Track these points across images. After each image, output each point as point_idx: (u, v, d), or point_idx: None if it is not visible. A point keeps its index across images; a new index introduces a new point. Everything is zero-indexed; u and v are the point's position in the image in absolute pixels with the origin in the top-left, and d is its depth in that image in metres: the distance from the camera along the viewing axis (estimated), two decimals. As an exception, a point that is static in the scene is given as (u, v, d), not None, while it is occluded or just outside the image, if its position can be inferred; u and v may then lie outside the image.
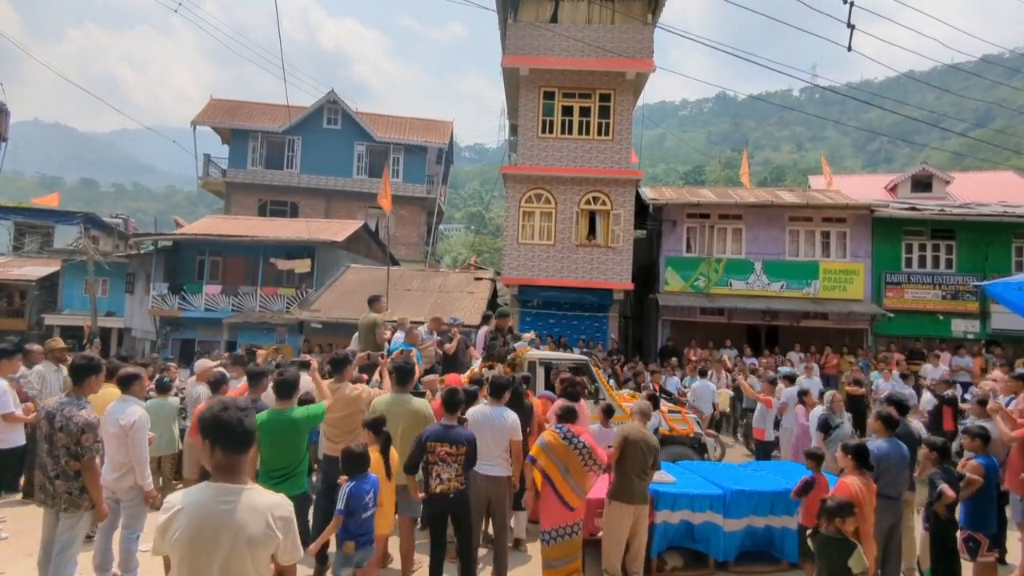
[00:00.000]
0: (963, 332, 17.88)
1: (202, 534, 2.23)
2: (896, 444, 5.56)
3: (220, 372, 7.05)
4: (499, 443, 5.44)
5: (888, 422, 5.84)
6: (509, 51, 18.23)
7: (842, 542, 4.06)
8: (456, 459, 5.09)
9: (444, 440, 5.09)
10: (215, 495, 2.29)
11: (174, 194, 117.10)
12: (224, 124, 29.94)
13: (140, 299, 22.58)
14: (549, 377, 8.88)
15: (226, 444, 2.33)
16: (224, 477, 2.32)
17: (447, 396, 5.38)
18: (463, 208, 77.20)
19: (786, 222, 18.53)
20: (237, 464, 2.34)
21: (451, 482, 5.08)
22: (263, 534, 2.26)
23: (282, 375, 5.06)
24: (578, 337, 17.47)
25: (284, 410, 4.92)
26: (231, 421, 2.32)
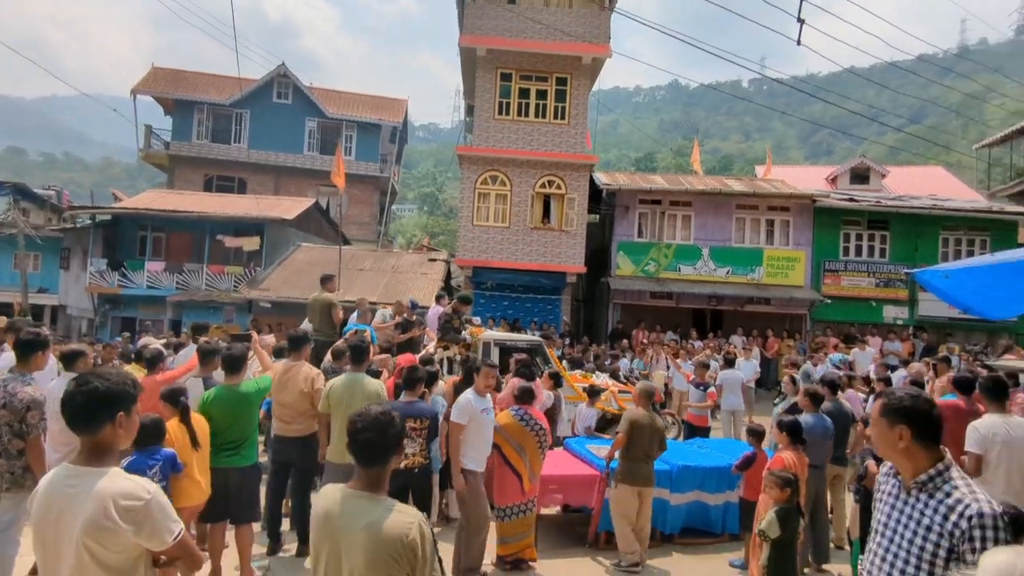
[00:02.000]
0: (893, 318, 18.87)
1: (46, 517, 2.09)
2: (821, 419, 5.99)
3: (156, 349, 6.87)
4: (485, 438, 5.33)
5: (814, 399, 6.25)
6: (467, 30, 18.08)
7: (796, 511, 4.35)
8: (420, 433, 5.21)
9: (408, 414, 5.16)
10: (65, 477, 2.12)
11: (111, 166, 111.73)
12: (167, 94, 28.68)
13: (76, 275, 21.62)
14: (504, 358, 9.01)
15: (68, 422, 2.15)
16: (81, 458, 2.14)
17: (408, 373, 5.47)
18: (416, 188, 76.38)
19: (733, 210, 19.09)
20: (91, 444, 2.13)
21: (415, 457, 5.18)
22: (99, 523, 2.02)
23: (230, 351, 5.09)
24: (531, 319, 17.66)
25: (234, 385, 4.95)
26: (66, 397, 2.13)
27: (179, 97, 28.54)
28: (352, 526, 2.15)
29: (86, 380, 2.16)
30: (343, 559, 2.15)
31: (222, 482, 4.82)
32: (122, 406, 2.17)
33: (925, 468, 2.17)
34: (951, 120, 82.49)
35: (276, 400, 5.59)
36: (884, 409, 2.28)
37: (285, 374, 5.61)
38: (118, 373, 2.27)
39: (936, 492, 2.12)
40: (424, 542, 2.16)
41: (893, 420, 2.24)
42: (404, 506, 2.27)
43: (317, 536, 2.26)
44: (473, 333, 9.52)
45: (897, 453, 2.24)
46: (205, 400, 4.91)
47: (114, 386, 2.16)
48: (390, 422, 2.28)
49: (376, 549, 2.10)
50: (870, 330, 17.31)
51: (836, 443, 6.39)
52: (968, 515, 2.00)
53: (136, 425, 2.29)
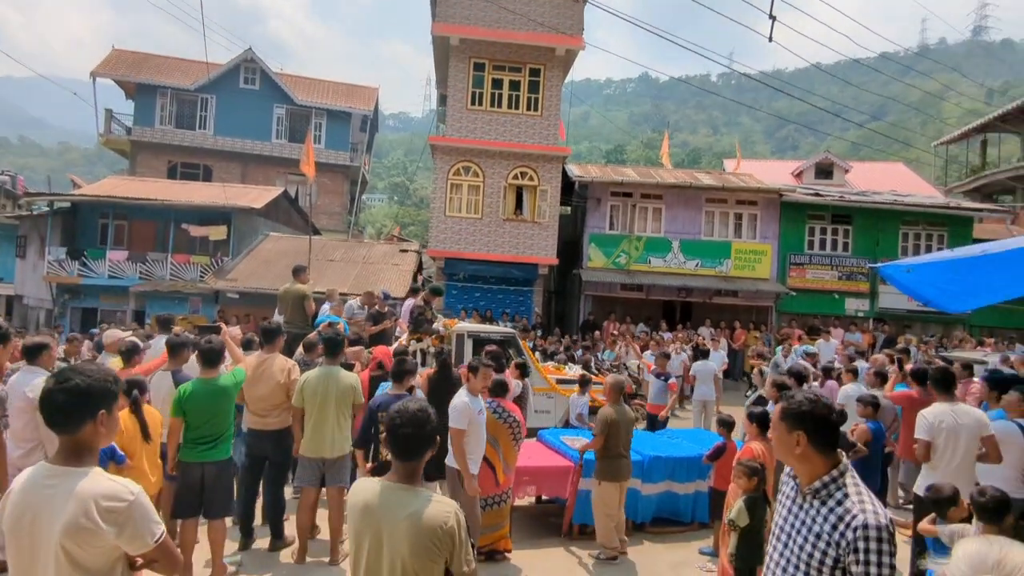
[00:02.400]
0: (855, 310, 19.39)
1: (22, 518, 2.01)
2: None
3: (132, 341, 6.72)
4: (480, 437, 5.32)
5: (782, 389, 6.42)
6: (440, 18, 17.92)
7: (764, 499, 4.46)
8: None
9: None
10: (42, 476, 2.04)
11: (68, 151, 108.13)
12: (129, 78, 27.81)
13: (33, 264, 20.92)
14: (477, 350, 9.03)
15: (47, 421, 2.06)
16: (60, 457, 2.06)
17: (396, 366, 5.52)
18: (387, 178, 75.57)
19: (703, 203, 19.35)
20: (71, 444, 2.06)
21: None
22: (79, 525, 1.95)
23: (210, 343, 4.98)
24: (503, 311, 17.70)
25: (212, 379, 4.87)
26: (44, 396, 2.05)
27: (141, 81, 27.71)
28: (394, 516, 2.27)
29: (67, 377, 2.07)
30: (384, 547, 2.27)
31: (197, 476, 4.77)
32: (104, 404, 2.10)
33: (821, 474, 2.14)
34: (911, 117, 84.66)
35: (250, 394, 5.51)
36: (783, 414, 2.24)
37: (259, 367, 5.54)
38: (99, 369, 2.19)
39: (828, 500, 2.10)
40: (460, 529, 2.31)
41: (792, 425, 2.20)
42: (440, 496, 2.41)
43: (358, 526, 2.35)
44: (447, 325, 9.52)
45: (795, 458, 2.21)
46: (182, 394, 4.79)
47: (96, 383, 2.08)
48: (427, 418, 2.42)
49: (418, 537, 2.24)
50: (832, 322, 17.78)
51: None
52: (854, 526, 1.98)
53: (117, 423, 2.24)
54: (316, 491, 5.51)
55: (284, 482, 5.85)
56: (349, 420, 5.50)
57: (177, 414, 4.74)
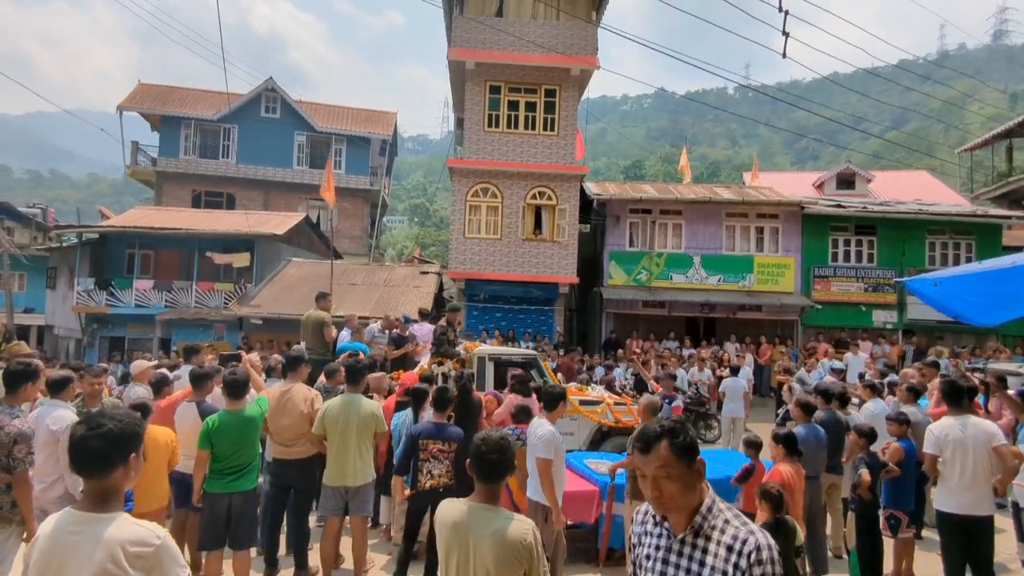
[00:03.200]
0: (883, 322, 19.01)
1: (48, 566, 2.02)
2: (813, 428, 6.06)
3: (161, 373, 6.82)
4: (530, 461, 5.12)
5: (806, 408, 6.30)
6: (455, 44, 18.16)
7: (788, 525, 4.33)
8: (447, 455, 5.22)
9: (436, 437, 5.21)
10: (69, 523, 2.05)
11: (97, 182, 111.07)
12: (154, 110, 28.56)
13: (63, 295, 21.40)
14: (499, 372, 9.00)
15: (78, 466, 2.08)
16: (87, 503, 2.08)
17: (438, 395, 5.49)
18: (406, 200, 76.35)
19: (723, 218, 19.21)
20: (100, 489, 2.07)
21: (441, 478, 5.20)
22: (107, 572, 1.96)
23: (234, 375, 5.03)
24: (524, 330, 17.66)
25: (238, 410, 4.91)
26: (77, 441, 2.06)
27: (166, 113, 28.43)
28: (480, 533, 2.58)
29: (99, 423, 2.08)
30: (471, 560, 2.58)
31: (224, 507, 4.78)
32: (134, 447, 2.13)
33: (698, 506, 1.95)
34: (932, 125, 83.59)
35: (274, 424, 5.52)
36: (679, 448, 1.95)
37: (282, 397, 5.55)
38: (127, 413, 2.23)
39: (713, 532, 1.92)
40: (536, 544, 2.62)
41: (692, 456, 1.97)
42: (519, 515, 2.72)
43: (447, 542, 2.66)
44: (467, 348, 9.50)
45: (692, 492, 1.96)
46: (210, 427, 4.82)
47: (127, 427, 2.11)
48: (509, 446, 2.78)
49: (502, 551, 2.54)
50: (860, 335, 17.45)
51: (831, 452, 6.43)
52: (747, 552, 1.87)
53: (142, 465, 2.25)
54: (340, 520, 5.49)
55: (308, 511, 5.83)
56: (371, 449, 5.47)
57: (204, 446, 4.77)
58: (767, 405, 14.84)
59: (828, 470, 6.43)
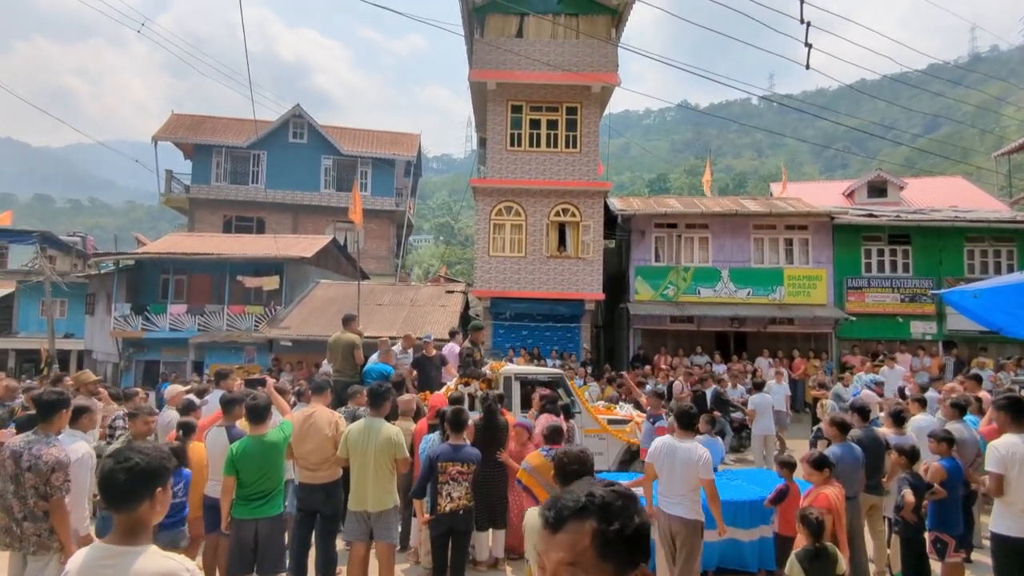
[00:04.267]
0: (921, 334, 18.47)
1: None
2: (849, 447, 5.83)
3: (188, 399, 6.92)
4: (682, 480, 5.04)
5: (842, 427, 6.08)
6: (476, 66, 18.34)
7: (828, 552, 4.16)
8: (466, 477, 5.25)
9: (455, 459, 5.25)
10: (99, 557, 2.06)
11: (134, 209, 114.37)
12: (187, 139, 29.39)
13: (101, 320, 21.95)
14: (525, 392, 8.93)
15: (107, 500, 2.11)
16: (116, 536, 2.09)
17: (453, 417, 5.49)
18: (431, 219, 76.95)
19: (751, 230, 18.94)
20: (128, 522, 2.08)
21: (460, 500, 5.23)
22: None
23: (255, 401, 5.05)
24: (551, 348, 17.56)
25: (261, 435, 4.93)
26: (105, 475, 2.09)
27: (198, 142, 29.22)
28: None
29: (126, 457, 2.11)
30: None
31: (251, 533, 4.80)
32: (161, 481, 2.16)
33: None
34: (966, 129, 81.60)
35: (299, 448, 5.52)
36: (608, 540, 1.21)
37: (306, 421, 5.56)
38: (154, 447, 2.26)
39: None
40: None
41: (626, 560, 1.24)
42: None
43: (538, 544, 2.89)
44: (493, 368, 9.46)
45: None
46: (234, 454, 4.85)
47: (154, 461, 2.14)
48: (588, 457, 3.27)
49: None
50: (898, 347, 16.94)
51: (869, 472, 6.21)
52: None
53: (169, 499, 2.28)
54: (365, 545, 5.44)
55: (335, 536, 5.81)
56: (392, 474, 5.39)
57: (230, 472, 4.80)
58: (802, 421, 14.47)
59: (867, 490, 6.22)
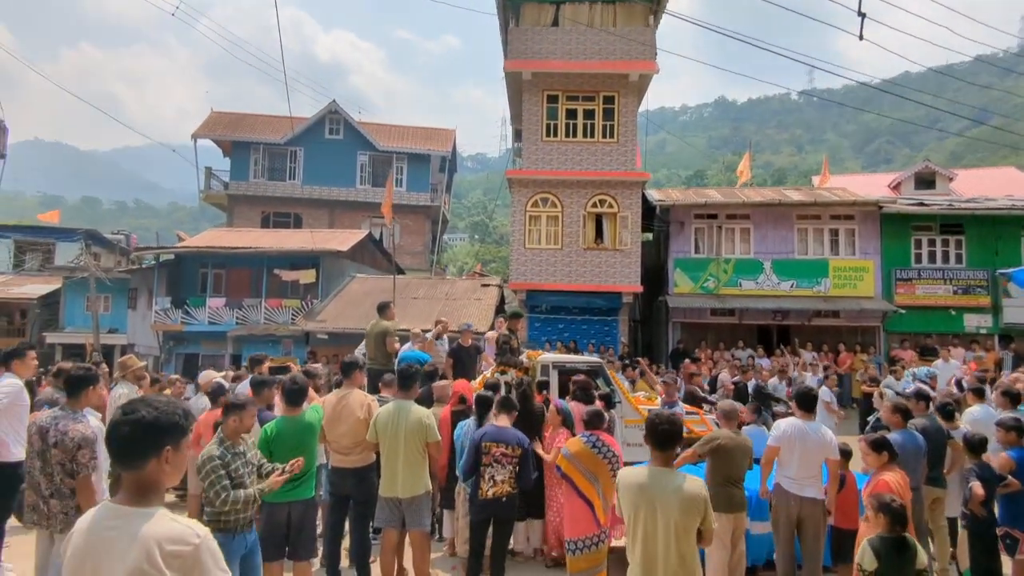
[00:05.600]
0: (976, 327, 17.65)
1: (84, 564, 1.86)
2: (911, 435, 5.57)
3: (218, 382, 6.87)
4: (813, 462, 5.11)
5: (904, 414, 5.73)
6: (511, 55, 18.14)
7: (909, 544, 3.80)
8: (511, 460, 5.05)
9: (500, 440, 5.08)
10: (104, 518, 1.89)
11: (177, 210, 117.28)
12: (225, 137, 29.90)
13: (143, 314, 22.42)
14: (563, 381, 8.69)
15: (113, 456, 1.97)
16: (124, 497, 1.91)
17: (504, 401, 5.43)
18: (467, 218, 77.07)
19: (794, 220, 18.33)
20: (136, 481, 1.91)
21: (504, 484, 5.03)
22: (142, 571, 1.78)
23: (294, 382, 4.96)
24: (588, 341, 17.27)
25: (296, 416, 4.83)
26: (111, 428, 1.93)
27: (236, 139, 29.69)
28: (664, 490, 3.29)
29: (133, 408, 1.94)
30: (658, 512, 3.26)
31: (283, 517, 4.66)
32: (170, 439, 1.96)
33: None
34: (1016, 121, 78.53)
35: (331, 432, 5.39)
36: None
37: (339, 403, 5.42)
38: (168, 401, 2.05)
39: None
40: (707, 498, 3.34)
41: None
42: (690, 475, 3.42)
43: (635, 500, 3.34)
44: (530, 356, 9.25)
45: None
46: (268, 435, 4.74)
47: (163, 415, 1.95)
48: (678, 419, 3.51)
49: (685, 502, 3.24)
50: (950, 340, 16.19)
51: (931, 463, 5.84)
52: None
53: (185, 461, 2.08)
54: (397, 533, 5.28)
55: (369, 522, 5.66)
56: (423, 459, 5.21)
57: (264, 454, 4.66)
58: (851, 417, 13.89)
59: (929, 482, 5.84)
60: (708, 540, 3.41)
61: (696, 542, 3.34)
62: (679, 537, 3.22)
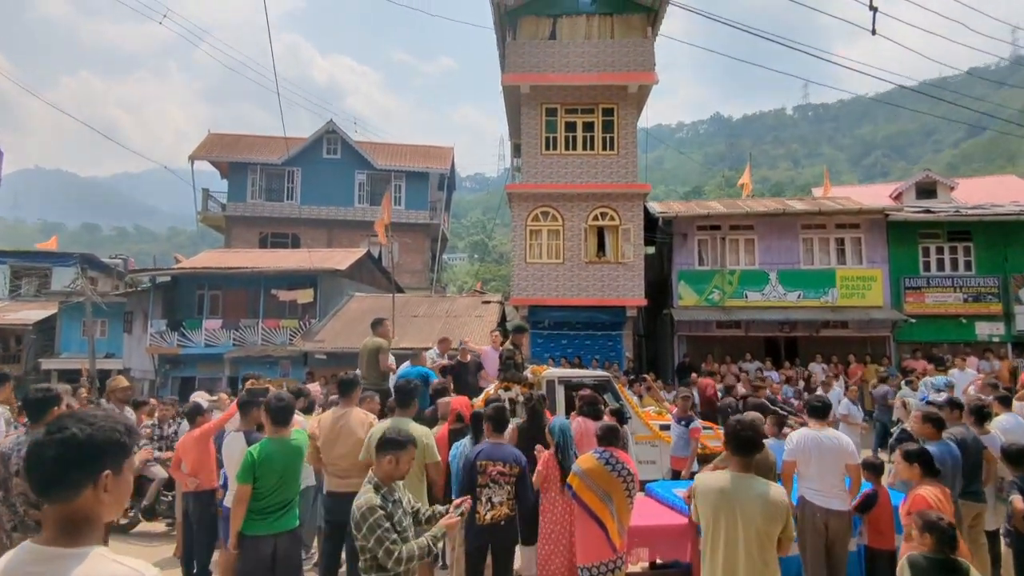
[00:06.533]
0: (988, 335, 17.28)
1: None
2: (947, 445, 5.24)
3: (195, 403, 6.50)
4: (833, 471, 4.93)
5: (937, 423, 5.37)
6: (509, 69, 18.00)
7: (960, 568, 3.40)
8: (508, 480, 4.65)
9: (496, 458, 4.66)
10: (23, 563, 1.48)
11: (176, 235, 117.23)
12: (222, 158, 29.72)
13: (139, 338, 22.04)
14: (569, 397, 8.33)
15: (32, 485, 1.54)
16: (50, 535, 1.51)
17: (495, 415, 4.94)
18: (466, 237, 76.91)
19: (799, 231, 18.05)
20: (64, 515, 1.50)
21: (502, 507, 4.62)
22: None
23: (280, 399, 4.52)
24: (592, 357, 16.88)
25: (284, 438, 4.41)
26: (31, 450, 1.55)
27: (233, 160, 29.51)
28: (746, 496, 3.25)
29: (62, 426, 1.54)
30: (739, 518, 3.22)
31: (269, 551, 4.19)
32: (111, 461, 1.54)
33: None
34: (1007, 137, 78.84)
35: (328, 453, 5.04)
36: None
37: (337, 422, 5.06)
38: (106, 415, 1.62)
39: None
40: (789, 506, 3.32)
41: None
42: (770, 481, 3.46)
43: (715, 505, 3.32)
44: (535, 371, 8.88)
45: None
46: (254, 458, 4.24)
47: (99, 432, 1.53)
48: (759, 426, 3.64)
49: (768, 508, 3.21)
50: (962, 349, 15.79)
51: (970, 475, 5.46)
52: None
53: (129, 487, 1.64)
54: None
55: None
56: (421, 480, 4.79)
57: (247, 480, 4.21)
58: (868, 431, 13.44)
59: (966, 496, 5.45)
60: (787, 548, 3.34)
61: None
62: (762, 544, 3.19)
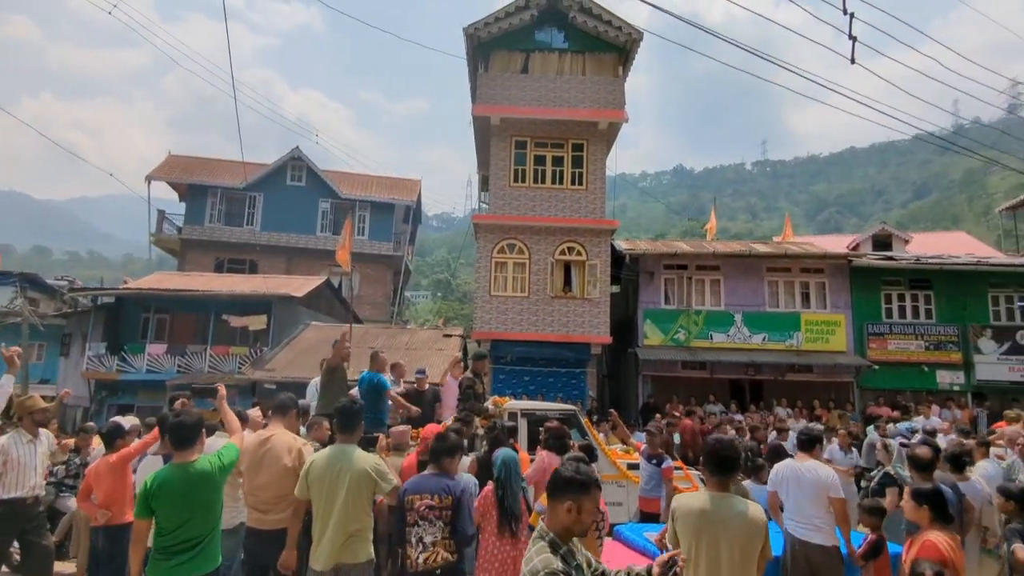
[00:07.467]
0: (949, 384, 17.36)
1: None
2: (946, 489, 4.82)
3: (114, 423, 5.76)
4: (813, 502, 4.80)
5: (925, 466, 5.00)
6: (480, 100, 17.85)
7: None
8: (440, 515, 3.97)
9: (423, 491, 4.01)
10: None
11: (132, 262, 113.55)
12: (181, 179, 28.73)
13: (75, 362, 20.67)
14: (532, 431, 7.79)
15: None
16: None
17: (436, 442, 4.34)
18: (430, 275, 76.30)
19: (764, 273, 18.05)
20: None
21: (436, 548, 3.91)
22: None
23: (179, 418, 3.82)
24: (555, 395, 16.34)
25: (187, 463, 3.71)
26: None
27: (193, 182, 28.56)
28: (726, 515, 3.22)
29: None
30: (721, 538, 3.18)
31: None
32: None
33: None
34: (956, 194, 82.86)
35: (250, 483, 4.38)
36: None
37: (260, 447, 4.40)
38: None
39: None
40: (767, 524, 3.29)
41: None
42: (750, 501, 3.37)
43: (696, 527, 3.23)
44: (496, 403, 8.33)
45: None
46: (149, 488, 3.58)
47: None
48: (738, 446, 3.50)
49: (749, 528, 3.20)
50: (924, 397, 15.79)
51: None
52: None
53: None
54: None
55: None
56: (368, 517, 4.09)
57: (144, 515, 3.56)
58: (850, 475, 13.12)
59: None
60: (762, 567, 3.29)
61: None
62: (745, 563, 3.16)
